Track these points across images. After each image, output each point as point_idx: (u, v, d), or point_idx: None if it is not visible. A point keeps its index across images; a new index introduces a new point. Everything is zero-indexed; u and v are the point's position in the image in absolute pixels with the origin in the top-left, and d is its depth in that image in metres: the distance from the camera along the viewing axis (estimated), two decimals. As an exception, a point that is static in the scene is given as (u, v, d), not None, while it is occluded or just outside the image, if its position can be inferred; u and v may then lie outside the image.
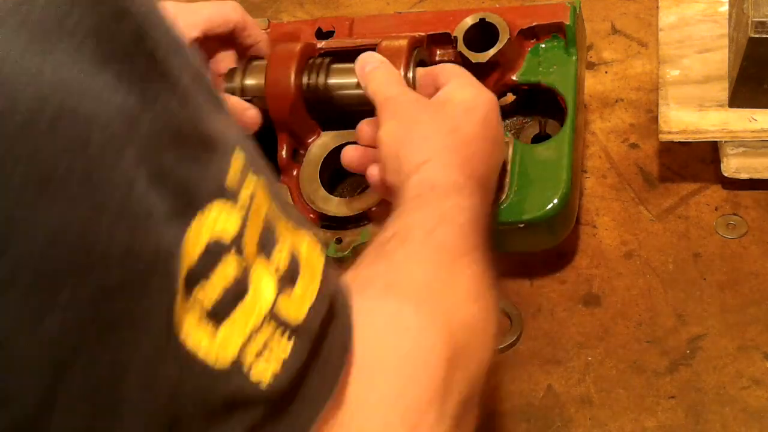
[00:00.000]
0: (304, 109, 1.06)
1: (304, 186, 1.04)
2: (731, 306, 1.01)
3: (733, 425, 0.91)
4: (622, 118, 1.24)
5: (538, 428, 0.93)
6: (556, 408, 0.94)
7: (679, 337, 0.99)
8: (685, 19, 1.18)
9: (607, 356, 0.98)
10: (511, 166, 0.99)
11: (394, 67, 0.95)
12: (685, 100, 1.10)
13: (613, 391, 0.95)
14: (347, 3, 1.52)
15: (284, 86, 1.03)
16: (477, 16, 1.04)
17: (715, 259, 1.06)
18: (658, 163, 1.17)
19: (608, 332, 1.00)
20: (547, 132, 1.06)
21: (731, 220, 1.09)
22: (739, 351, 0.97)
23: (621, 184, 1.15)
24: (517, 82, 1.06)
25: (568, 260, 1.08)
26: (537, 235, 1.00)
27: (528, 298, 1.05)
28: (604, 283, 1.05)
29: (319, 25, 1.12)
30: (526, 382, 0.97)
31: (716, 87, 1.10)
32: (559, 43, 1.05)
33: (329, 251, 1.01)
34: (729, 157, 1.09)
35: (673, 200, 1.13)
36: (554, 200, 0.97)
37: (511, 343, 1.00)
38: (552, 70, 1.04)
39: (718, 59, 1.13)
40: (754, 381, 0.94)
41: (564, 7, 1.05)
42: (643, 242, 1.08)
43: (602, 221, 1.11)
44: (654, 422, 0.92)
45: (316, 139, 1.07)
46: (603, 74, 1.30)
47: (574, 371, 0.97)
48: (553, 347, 1.00)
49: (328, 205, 1.03)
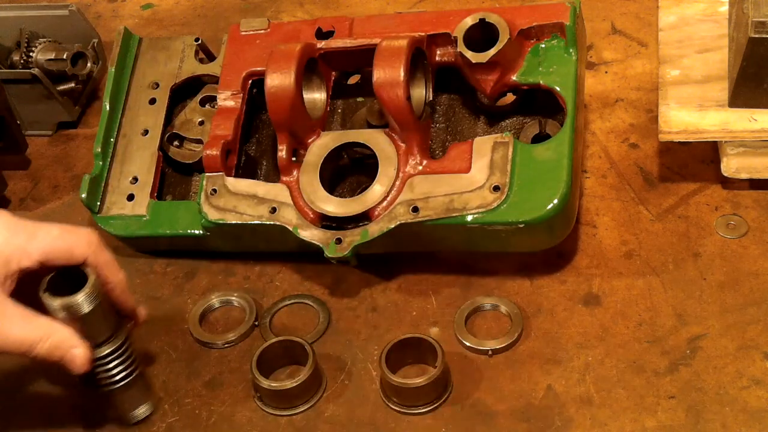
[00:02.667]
0: (304, 109, 1.06)
1: (304, 186, 1.04)
2: (731, 306, 1.01)
3: (733, 425, 0.91)
4: (622, 118, 1.24)
5: (538, 428, 0.93)
6: (556, 408, 0.94)
7: (679, 337, 0.99)
8: (685, 19, 1.18)
9: (607, 356, 0.98)
10: (511, 166, 0.99)
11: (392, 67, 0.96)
12: (685, 100, 1.10)
13: (613, 391, 0.95)
14: (347, 3, 1.52)
15: (284, 86, 1.03)
16: (477, 16, 1.04)
17: (715, 259, 1.06)
18: (658, 163, 1.17)
19: (608, 332, 1.00)
20: (547, 132, 1.07)
21: (731, 220, 1.09)
22: (739, 351, 0.97)
23: (621, 184, 1.15)
24: (517, 82, 1.06)
25: (568, 260, 1.08)
26: (537, 235, 1.01)
27: (528, 298, 1.05)
28: (604, 283, 1.05)
29: (319, 25, 1.12)
30: (526, 382, 0.97)
31: (716, 87, 1.10)
32: (559, 43, 1.05)
33: (329, 251, 1.01)
34: (729, 157, 1.09)
35: (673, 200, 1.13)
36: (554, 200, 0.97)
37: (511, 343, 1.00)
38: (552, 70, 1.04)
39: (718, 59, 1.13)
40: (754, 381, 0.94)
41: (564, 7, 1.05)
42: (643, 242, 1.08)
43: (602, 221, 1.11)
44: (654, 422, 0.92)
45: (316, 139, 1.07)
46: (603, 74, 1.30)
47: (574, 371, 0.97)
48: (553, 347, 1.00)
49: (328, 205, 1.03)
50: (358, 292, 1.08)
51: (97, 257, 0.90)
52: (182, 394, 1.00)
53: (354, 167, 1.11)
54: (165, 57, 1.20)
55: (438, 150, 1.09)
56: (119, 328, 0.93)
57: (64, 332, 0.88)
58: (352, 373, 1.00)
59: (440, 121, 1.11)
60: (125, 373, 0.94)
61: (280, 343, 1.00)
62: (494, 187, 0.98)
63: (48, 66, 1.31)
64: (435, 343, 0.96)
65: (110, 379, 0.93)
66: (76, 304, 0.88)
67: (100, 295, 0.89)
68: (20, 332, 0.86)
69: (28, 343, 0.87)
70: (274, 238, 1.05)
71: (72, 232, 0.90)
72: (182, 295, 1.11)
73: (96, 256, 0.90)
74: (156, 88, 1.18)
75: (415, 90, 1.04)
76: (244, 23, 1.16)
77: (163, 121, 1.15)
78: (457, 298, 1.05)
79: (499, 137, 1.01)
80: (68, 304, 0.88)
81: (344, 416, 0.96)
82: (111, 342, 0.92)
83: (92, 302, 0.88)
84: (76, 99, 1.37)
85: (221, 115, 1.11)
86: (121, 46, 1.19)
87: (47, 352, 0.88)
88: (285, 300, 1.08)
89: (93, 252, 0.89)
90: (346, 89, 1.16)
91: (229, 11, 1.54)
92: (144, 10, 1.58)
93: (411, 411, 0.95)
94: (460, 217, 0.98)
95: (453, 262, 1.09)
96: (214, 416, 0.98)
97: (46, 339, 0.87)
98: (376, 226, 1.01)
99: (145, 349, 1.05)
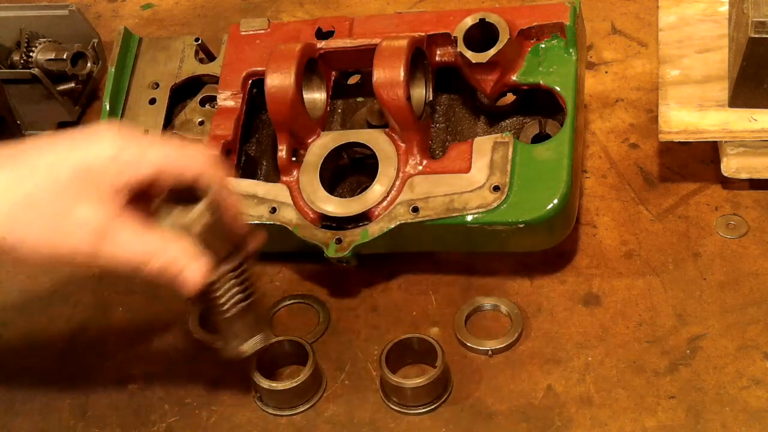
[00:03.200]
0: (304, 109, 1.06)
1: (304, 186, 1.04)
2: (731, 306, 1.01)
3: (733, 425, 0.91)
4: (622, 118, 1.24)
5: (538, 428, 0.93)
6: (556, 408, 0.94)
7: (679, 337, 0.99)
8: (685, 19, 1.18)
9: (607, 356, 0.98)
10: (511, 166, 0.99)
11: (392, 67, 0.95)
12: (685, 100, 1.10)
13: (613, 391, 0.95)
14: (347, 3, 1.52)
15: (284, 86, 1.03)
16: (477, 16, 1.04)
17: (715, 259, 1.06)
18: (658, 163, 1.17)
19: (608, 332, 1.00)
20: (547, 132, 1.07)
21: (731, 220, 1.09)
22: (739, 351, 0.97)
23: (621, 184, 1.15)
24: (517, 82, 1.06)
25: (568, 260, 1.08)
26: (537, 235, 1.01)
27: (528, 298, 1.05)
28: (604, 283, 1.05)
29: (319, 25, 1.12)
30: (526, 382, 0.97)
31: (716, 87, 1.10)
32: (559, 43, 1.05)
33: (329, 251, 1.01)
34: (729, 157, 1.09)
35: (673, 200, 1.13)
36: (554, 200, 0.97)
37: (511, 343, 1.00)
38: (552, 70, 1.04)
39: (718, 59, 1.13)
40: (754, 381, 0.94)
41: (564, 7, 1.05)
42: (643, 242, 1.08)
43: (602, 221, 1.11)
44: (654, 422, 0.92)
45: (316, 139, 1.07)
46: (603, 74, 1.30)
47: (574, 371, 0.97)
48: (553, 347, 1.00)
49: (328, 205, 1.03)
50: (358, 292, 1.08)
51: (212, 175, 0.85)
52: (182, 394, 1.00)
53: (354, 167, 1.11)
54: (165, 57, 1.20)
55: (438, 150, 1.09)
56: (235, 251, 0.88)
57: (179, 249, 0.83)
58: (352, 373, 1.00)
59: (440, 121, 1.11)
60: (238, 297, 0.89)
61: (280, 343, 1.00)
62: (494, 187, 0.98)
63: (48, 66, 1.31)
64: (435, 343, 0.96)
65: (223, 305, 0.88)
66: (191, 220, 0.83)
67: (216, 214, 0.84)
68: (133, 247, 0.82)
69: (140, 259, 0.82)
70: (274, 238, 1.05)
71: (187, 147, 0.86)
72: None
73: (211, 174, 0.85)
74: (156, 88, 1.18)
75: (415, 90, 1.04)
76: (244, 23, 1.16)
77: (163, 121, 1.15)
78: (457, 298, 1.05)
79: (499, 137, 1.01)
80: (183, 220, 0.83)
81: (344, 416, 0.96)
82: (226, 263, 0.87)
83: (207, 219, 0.83)
84: (76, 99, 1.37)
85: (221, 115, 1.11)
86: (121, 46, 1.19)
87: (159, 270, 0.83)
88: (285, 300, 1.08)
89: (208, 168, 0.85)
90: (346, 89, 1.16)
91: (229, 11, 1.54)
92: (144, 10, 1.58)
93: (411, 411, 0.95)
94: (460, 217, 0.98)
95: (453, 262, 1.09)
96: (214, 416, 0.98)
97: (159, 255, 0.82)
98: (376, 226, 1.01)
99: (146, 349, 1.05)
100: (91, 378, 1.03)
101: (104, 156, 0.81)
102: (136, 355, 1.05)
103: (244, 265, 0.89)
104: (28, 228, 0.79)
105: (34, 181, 0.79)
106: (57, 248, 0.80)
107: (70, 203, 0.80)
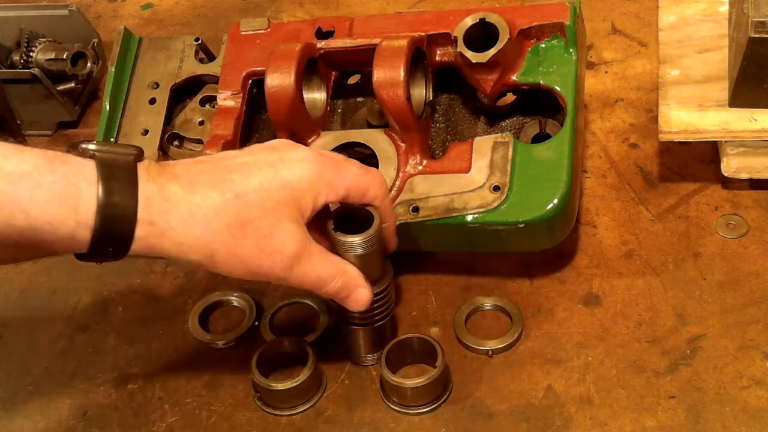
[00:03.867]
0: (304, 109, 1.06)
1: (304, 186, 1.04)
2: (731, 306, 1.01)
3: (733, 425, 0.91)
4: (622, 118, 1.24)
5: (538, 428, 0.93)
6: (556, 408, 0.94)
7: (679, 337, 0.99)
8: (685, 19, 1.18)
9: (607, 356, 0.98)
10: (511, 166, 0.99)
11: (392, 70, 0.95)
12: (685, 100, 1.10)
13: (613, 391, 0.95)
14: (347, 3, 1.52)
15: (284, 86, 1.03)
16: (477, 16, 1.04)
17: (715, 259, 1.06)
18: (658, 163, 1.17)
19: (608, 332, 1.00)
20: (547, 132, 1.06)
21: (731, 220, 1.09)
22: (739, 351, 0.97)
23: (621, 184, 1.15)
24: (517, 82, 1.06)
25: (568, 260, 1.08)
26: (537, 235, 1.00)
27: (528, 298, 1.05)
28: (604, 283, 1.05)
29: (319, 25, 1.12)
30: (526, 382, 0.97)
31: (716, 87, 1.10)
32: (559, 43, 1.05)
33: (329, 251, 1.01)
34: (729, 157, 1.09)
35: (673, 200, 1.13)
36: (554, 200, 0.97)
37: (511, 343, 1.00)
38: (552, 70, 1.04)
39: (718, 59, 1.13)
40: (754, 381, 0.94)
41: (564, 7, 1.05)
42: (643, 242, 1.08)
43: (602, 221, 1.11)
44: (654, 422, 0.92)
45: (316, 139, 1.08)
46: (603, 74, 1.31)
47: (574, 371, 0.97)
48: (553, 347, 1.00)
49: (328, 205, 1.03)
50: (358, 292, 1.08)
51: (384, 198, 0.91)
52: (182, 394, 1.00)
53: (354, 167, 1.11)
54: (165, 57, 1.20)
55: (438, 150, 1.09)
56: (387, 269, 0.95)
57: (354, 271, 0.89)
58: (352, 373, 1.00)
59: (440, 121, 1.11)
60: (383, 314, 0.96)
61: (280, 343, 1.00)
62: (494, 187, 0.98)
63: (48, 66, 1.31)
64: (435, 343, 0.96)
65: (368, 319, 0.95)
66: (366, 241, 0.88)
67: (380, 236, 0.90)
68: (320, 270, 0.86)
69: (324, 280, 0.87)
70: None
71: (369, 172, 0.90)
72: (182, 295, 1.11)
73: (384, 197, 0.91)
74: (156, 87, 1.18)
75: (415, 90, 1.04)
76: (244, 23, 1.16)
77: (163, 121, 1.15)
78: (457, 298, 1.05)
79: (499, 137, 1.01)
80: (358, 241, 0.88)
81: (344, 416, 0.96)
82: (381, 282, 0.93)
83: (376, 242, 0.89)
84: (76, 99, 1.37)
85: (221, 115, 1.11)
86: (121, 46, 1.19)
87: (336, 290, 0.88)
88: (285, 300, 1.08)
89: (383, 193, 0.91)
90: (346, 89, 1.16)
91: (229, 11, 1.55)
92: (144, 10, 1.58)
93: (411, 411, 0.95)
94: (460, 217, 0.98)
95: (453, 262, 1.09)
96: (214, 416, 0.98)
97: (339, 277, 0.88)
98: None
99: (146, 348, 1.05)
100: (91, 378, 1.03)
101: (307, 177, 0.84)
102: (136, 354, 1.05)
103: (390, 287, 0.96)
104: (236, 248, 0.81)
105: (246, 200, 0.81)
106: (257, 269, 0.83)
107: (275, 224, 0.82)
